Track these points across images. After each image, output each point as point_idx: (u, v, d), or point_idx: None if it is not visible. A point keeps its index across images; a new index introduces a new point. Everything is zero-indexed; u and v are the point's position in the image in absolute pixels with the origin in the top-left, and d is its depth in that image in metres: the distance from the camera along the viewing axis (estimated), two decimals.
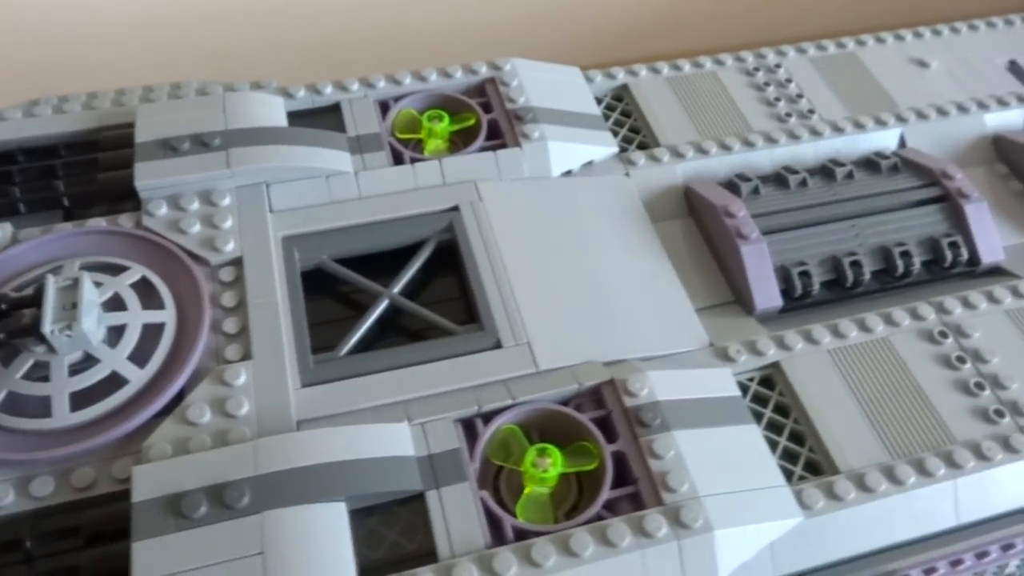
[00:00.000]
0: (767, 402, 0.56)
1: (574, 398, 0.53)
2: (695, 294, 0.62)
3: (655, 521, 0.46)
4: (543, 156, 0.65)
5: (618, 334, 0.57)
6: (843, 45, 0.80)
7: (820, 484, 0.51)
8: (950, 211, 0.65)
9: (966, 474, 0.52)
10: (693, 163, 0.68)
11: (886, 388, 0.56)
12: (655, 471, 0.49)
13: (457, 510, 0.47)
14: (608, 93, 0.75)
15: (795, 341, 0.57)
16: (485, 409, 0.51)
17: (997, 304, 0.61)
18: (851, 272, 0.62)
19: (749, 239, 0.61)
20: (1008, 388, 0.56)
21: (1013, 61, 0.79)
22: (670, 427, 0.50)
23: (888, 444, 0.53)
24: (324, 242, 0.60)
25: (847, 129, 0.71)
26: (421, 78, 0.69)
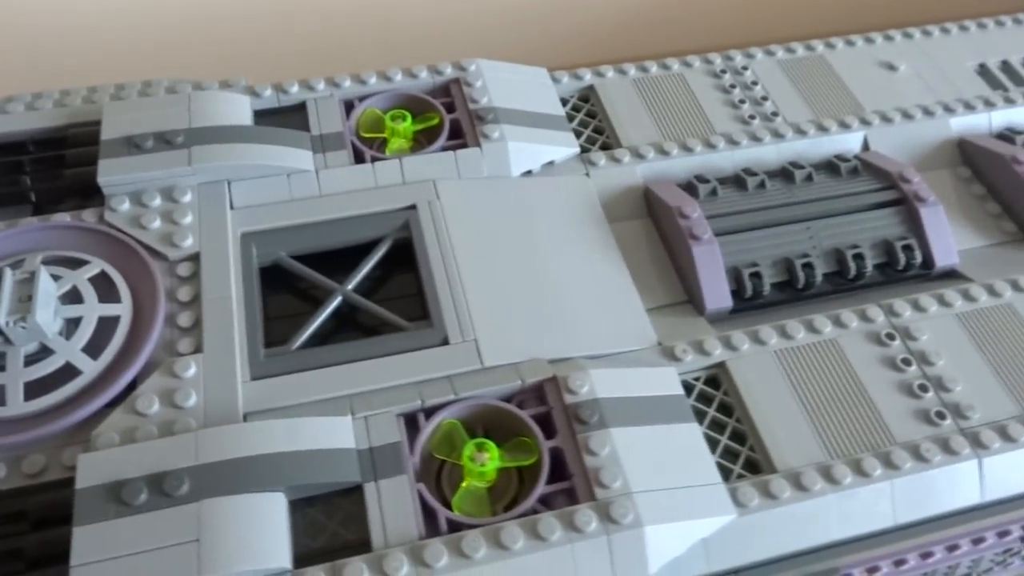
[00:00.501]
0: (712, 401, 0.57)
1: (517, 394, 0.54)
2: (649, 294, 0.63)
3: (585, 516, 0.47)
4: (503, 156, 0.66)
5: (566, 332, 0.57)
6: (812, 48, 0.80)
7: (756, 482, 0.52)
8: (906, 214, 0.66)
9: (903, 475, 0.53)
10: (654, 164, 0.69)
11: (830, 389, 0.57)
12: (590, 467, 0.49)
13: (393, 502, 0.48)
14: (574, 94, 0.76)
15: (742, 341, 0.58)
16: (428, 404, 0.52)
17: (947, 307, 0.61)
18: (803, 274, 0.63)
19: (701, 240, 0.62)
20: (952, 391, 0.57)
21: (983, 64, 0.80)
22: (608, 424, 0.51)
23: (827, 444, 0.54)
24: (282, 239, 0.61)
25: (810, 132, 0.72)
26: (386, 78, 0.70)
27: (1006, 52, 0.81)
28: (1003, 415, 0.56)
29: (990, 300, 0.62)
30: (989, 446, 0.54)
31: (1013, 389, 0.57)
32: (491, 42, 1.04)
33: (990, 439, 0.54)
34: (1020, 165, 0.68)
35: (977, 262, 0.66)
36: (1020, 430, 0.54)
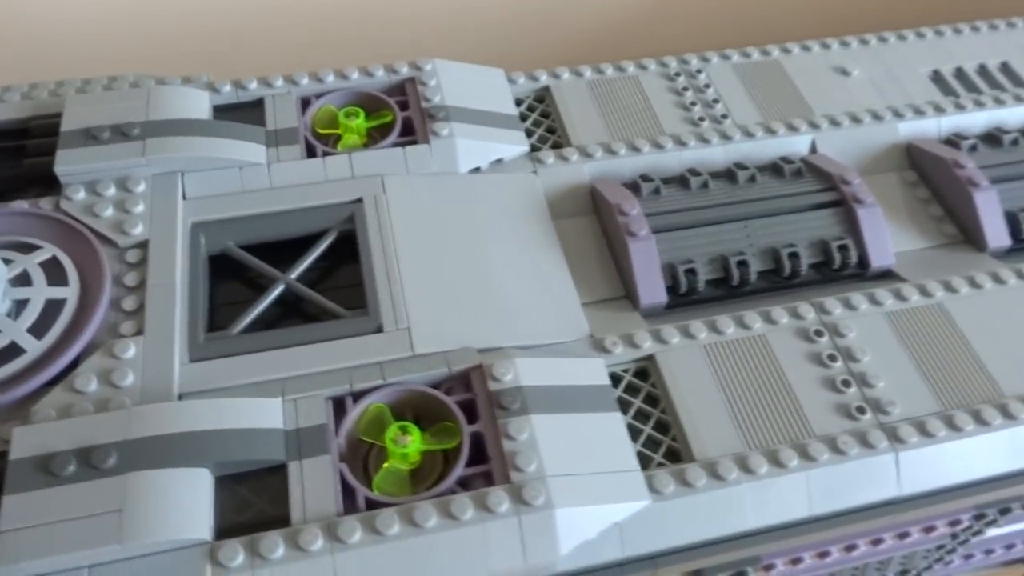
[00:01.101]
0: (639, 392, 0.59)
1: (445, 381, 0.56)
2: (588, 288, 0.64)
3: (498, 497, 0.49)
4: (451, 153, 0.68)
5: (499, 323, 0.59)
6: (768, 53, 0.81)
7: (673, 471, 0.53)
8: (844, 215, 0.67)
9: (820, 467, 0.54)
10: (601, 163, 0.71)
11: (755, 383, 0.58)
12: (507, 451, 0.51)
13: (315, 480, 0.50)
14: (530, 95, 0.78)
15: (672, 335, 0.60)
16: (356, 388, 0.54)
17: (878, 306, 0.62)
18: (738, 271, 0.64)
19: (638, 236, 0.63)
20: (874, 386, 0.58)
21: (937, 71, 0.81)
22: (529, 411, 0.53)
23: (747, 436, 0.55)
24: (232, 229, 0.63)
25: (758, 134, 0.73)
26: (343, 76, 0.72)
27: (961, 59, 0.82)
28: (923, 411, 0.57)
29: (921, 300, 0.63)
30: (906, 441, 0.55)
31: (935, 386, 0.58)
32: (461, 45, 1.06)
33: (908, 434, 0.55)
34: (961, 169, 0.69)
35: (915, 263, 0.68)
36: (938, 426, 0.56)
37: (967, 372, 0.59)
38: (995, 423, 0.56)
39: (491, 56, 0.90)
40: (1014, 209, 0.69)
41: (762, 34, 0.89)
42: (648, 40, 1.17)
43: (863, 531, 0.60)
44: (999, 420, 0.56)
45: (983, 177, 0.68)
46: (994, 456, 0.57)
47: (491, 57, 0.88)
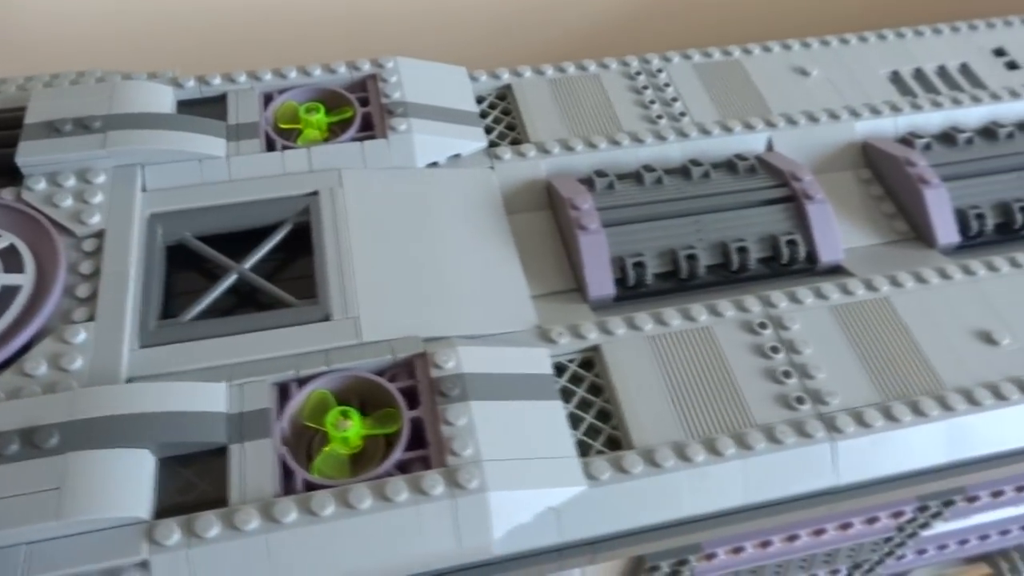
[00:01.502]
0: (583, 382, 0.60)
1: (390, 368, 0.57)
2: (540, 281, 0.65)
3: (432, 480, 0.50)
4: (408, 148, 0.69)
5: (447, 313, 0.60)
6: (729, 53, 0.82)
7: (611, 458, 0.54)
8: (795, 211, 0.68)
9: (756, 455, 0.55)
10: (558, 159, 0.72)
11: (698, 373, 0.59)
12: (445, 436, 0.52)
13: (255, 463, 0.51)
14: (492, 92, 0.79)
15: (617, 327, 0.60)
16: (301, 375, 0.55)
17: (823, 300, 0.63)
18: (686, 265, 0.65)
19: (588, 230, 0.64)
20: (815, 377, 0.58)
21: (896, 72, 0.81)
22: (469, 398, 0.54)
23: (687, 424, 0.56)
24: (189, 220, 0.64)
25: (715, 132, 0.74)
26: (306, 73, 0.74)
27: (921, 61, 0.83)
28: (862, 402, 0.57)
29: (867, 294, 0.63)
30: (844, 430, 0.56)
31: (876, 378, 0.59)
32: (433, 44, 1.07)
33: (845, 424, 0.56)
34: (912, 167, 0.70)
35: (865, 259, 0.68)
36: (876, 416, 0.56)
37: (909, 365, 0.60)
38: (933, 414, 0.57)
39: (462, 55, 0.91)
40: (964, 207, 0.69)
41: (739, 36, 0.90)
42: (621, 40, 1.19)
43: (803, 520, 0.60)
44: (936, 411, 0.57)
45: (934, 175, 0.69)
46: (932, 447, 0.57)
47: (462, 56, 0.89)
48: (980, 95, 0.79)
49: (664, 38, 1.17)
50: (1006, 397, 0.58)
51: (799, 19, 1.31)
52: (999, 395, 0.58)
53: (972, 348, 0.61)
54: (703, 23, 1.24)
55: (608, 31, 1.28)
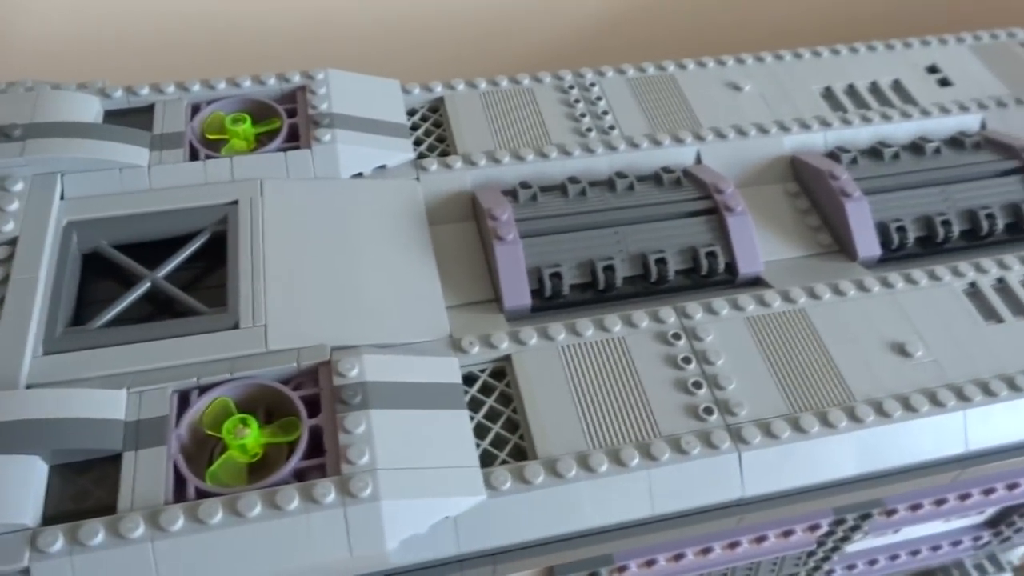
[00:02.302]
0: (494, 392, 0.59)
1: (295, 377, 0.56)
2: (458, 291, 0.65)
3: (324, 488, 0.49)
4: (332, 158, 0.69)
5: (359, 323, 0.60)
6: (663, 68, 0.83)
7: (512, 468, 0.54)
8: (716, 223, 0.68)
9: (661, 466, 0.55)
10: (485, 171, 0.72)
11: (609, 384, 0.59)
12: (342, 444, 0.52)
13: (147, 470, 0.50)
14: (425, 105, 0.79)
15: (530, 337, 0.60)
16: (203, 382, 0.55)
17: (739, 311, 0.63)
18: (604, 276, 0.65)
19: (505, 240, 0.64)
20: (725, 388, 0.58)
21: (829, 88, 0.82)
22: (369, 406, 0.53)
23: (593, 435, 0.56)
24: (106, 228, 0.64)
25: (643, 145, 0.74)
26: (235, 84, 0.74)
27: (854, 77, 0.83)
28: (770, 413, 0.57)
29: (784, 306, 0.63)
30: (750, 441, 0.55)
31: (787, 389, 0.58)
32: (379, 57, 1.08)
33: (752, 435, 0.56)
34: (835, 180, 0.70)
35: (786, 271, 0.68)
36: (783, 427, 0.56)
37: (821, 376, 0.60)
38: (841, 426, 0.57)
39: (420, 69, 0.92)
40: (886, 220, 0.70)
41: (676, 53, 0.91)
42: (574, 54, 1.20)
43: (714, 533, 0.60)
44: (845, 423, 0.57)
45: (855, 188, 0.70)
46: (841, 459, 0.57)
47: (418, 70, 0.90)
48: (910, 111, 0.79)
49: (618, 53, 1.18)
50: (916, 409, 0.58)
51: (789, 26, 1.32)
52: (909, 407, 0.58)
53: (885, 360, 0.61)
54: (647, 38, 1.25)
55: (563, 46, 1.29)
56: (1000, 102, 0.81)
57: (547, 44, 1.24)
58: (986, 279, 0.66)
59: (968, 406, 0.58)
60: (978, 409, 0.58)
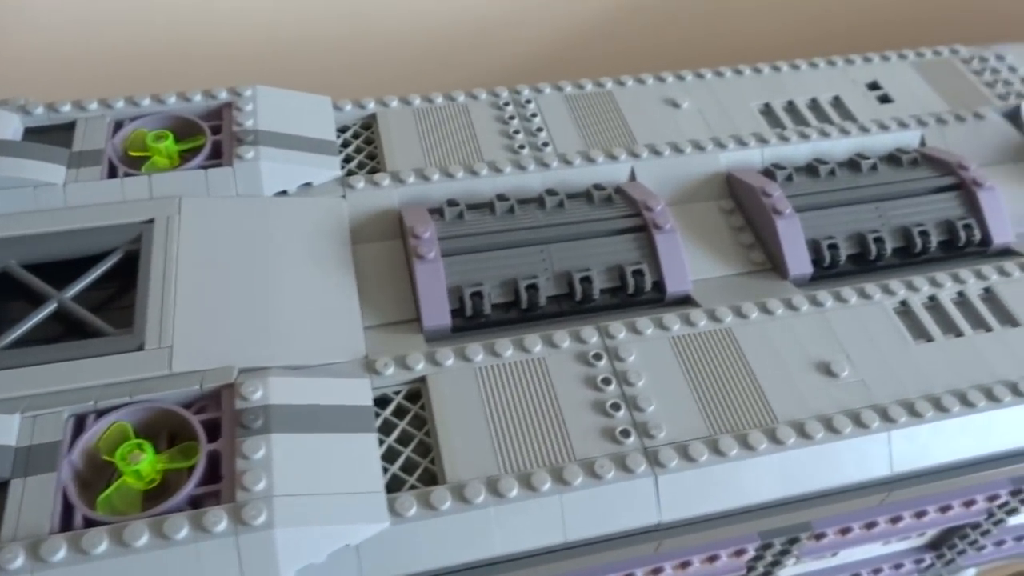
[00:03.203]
0: (408, 414, 0.58)
1: (199, 400, 0.55)
2: (379, 311, 0.64)
3: (215, 516, 0.48)
4: (255, 175, 0.68)
5: (270, 344, 0.58)
6: (602, 85, 0.82)
7: (419, 493, 0.52)
8: (644, 240, 0.67)
9: (574, 491, 0.53)
10: (413, 188, 0.71)
11: (525, 406, 0.57)
12: (238, 470, 0.50)
13: (35, 498, 0.48)
14: (357, 121, 0.78)
15: (446, 357, 0.59)
16: (101, 406, 0.53)
17: (664, 330, 0.61)
18: (527, 295, 0.63)
19: (425, 259, 0.63)
20: (644, 410, 0.57)
21: (768, 104, 0.81)
22: (271, 430, 0.52)
23: (505, 459, 0.54)
24: (16, 247, 0.62)
25: (576, 162, 0.73)
26: (160, 101, 0.73)
27: (793, 94, 0.82)
28: (690, 435, 0.56)
29: (710, 325, 0.62)
30: (666, 465, 0.54)
31: (708, 411, 0.57)
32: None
33: (668, 458, 0.54)
34: (767, 197, 0.69)
35: (717, 290, 0.67)
36: (701, 450, 0.55)
37: (745, 397, 0.58)
38: (761, 448, 0.55)
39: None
40: (819, 237, 0.69)
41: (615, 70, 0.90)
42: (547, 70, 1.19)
43: (633, 559, 0.58)
44: (765, 445, 0.55)
45: (787, 205, 0.69)
46: (762, 483, 0.56)
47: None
48: (849, 127, 0.79)
49: (569, 71, 1.18)
50: (838, 431, 0.57)
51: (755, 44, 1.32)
52: (832, 428, 0.57)
53: (810, 380, 0.60)
54: (602, 56, 1.25)
55: (517, 63, 1.29)
56: (940, 119, 0.81)
57: (504, 61, 1.24)
58: (917, 297, 0.65)
59: (893, 427, 0.57)
60: (903, 431, 0.57)
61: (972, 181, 0.72)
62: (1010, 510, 0.69)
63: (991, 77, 0.86)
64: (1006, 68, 0.87)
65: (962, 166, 0.73)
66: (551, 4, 1.27)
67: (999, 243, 0.71)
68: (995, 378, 0.60)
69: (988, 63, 0.88)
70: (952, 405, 0.58)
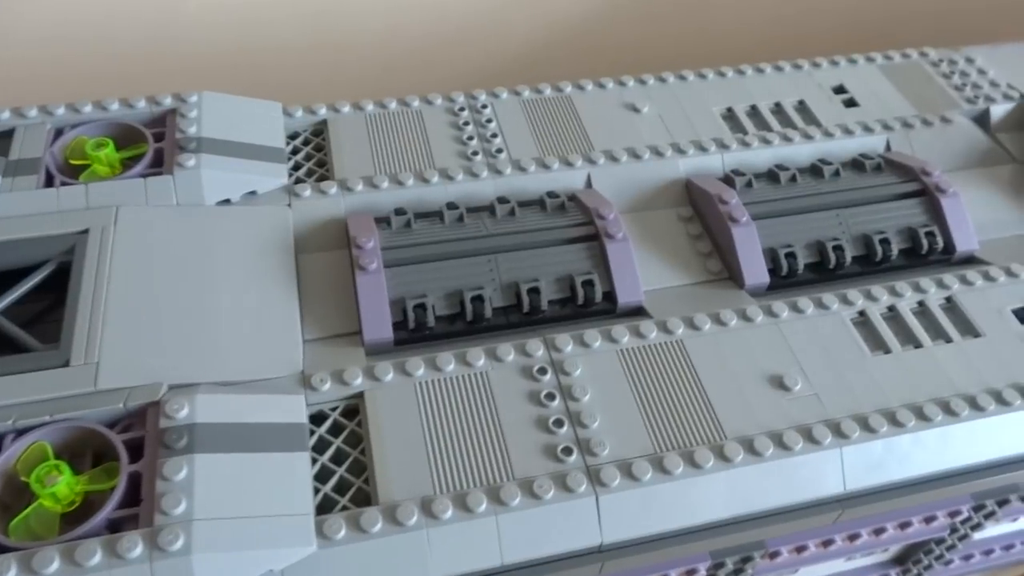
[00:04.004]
0: (344, 432, 0.56)
1: (124, 418, 0.53)
2: (321, 324, 0.62)
3: (130, 542, 0.46)
4: (195, 184, 0.66)
5: (203, 359, 0.56)
6: (561, 89, 0.80)
7: (349, 515, 0.50)
8: (596, 250, 0.65)
9: (511, 512, 0.51)
10: (361, 197, 0.69)
11: (465, 422, 0.55)
12: (158, 492, 0.48)
13: None
14: (308, 128, 0.76)
15: (385, 372, 0.57)
16: (18, 425, 0.51)
17: (613, 343, 0.60)
18: (472, 307, 0.62)
19: (367, 270, 0.61)
20: (588, 427, 0.55)
21: (731, 109, 0.80)
22: (194, 450, 0.50)
23: (440, 478, 0.52)
24: None
25: (530, 169, 0.71)
26: (102, 107, 0.71)
27: (757, 98, 0.81)
28: (634, 453, 0.54)
29: (660, 337, 0.60)
30: (608, 484, 0.52)
31: (655, 427, 0.55)
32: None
33: (611, 476, 0.52)
34: (724, 204, 0.68)
35: (671, 300, 0.65)
36: (645, 468, 0.53)
37: (693, 413, 0.56)
38: (707, 466, 0.53)
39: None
40: (776, 245, 0.67)
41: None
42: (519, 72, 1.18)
43: None
44: (712, 463, 0.53)
45: (744, 212, 0.67)
46: (709, 501, 0.54)
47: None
48: (812, 132, 0.77)
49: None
50: (789, 447, 0.55)
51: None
52: (782, 445, 0.55)
53: (762, 394, 0.58)
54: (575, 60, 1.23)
55: (494, 64, 1.27)
56: (906, 123, 0.79)
57: (472, 65, 1.22)
58: (876, 307, 0.63)
59: (845, 443, 0.55)
60: (856, 446, 0.55)
61: (935, 187, 0.70)
62: (974, 525, 0.67)
63: (960, 80, 0.85)
64: (975, 71, 0.85)
65: (925, 172, 0.71)
66: (524, 6, 1.26)
67: (963, 251, 0.69)
68: (953, 391, 0.59)
69: (958, 66, 0.86)
70: (907, 420, 0.56)
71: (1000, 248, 0.71)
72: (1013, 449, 0.59)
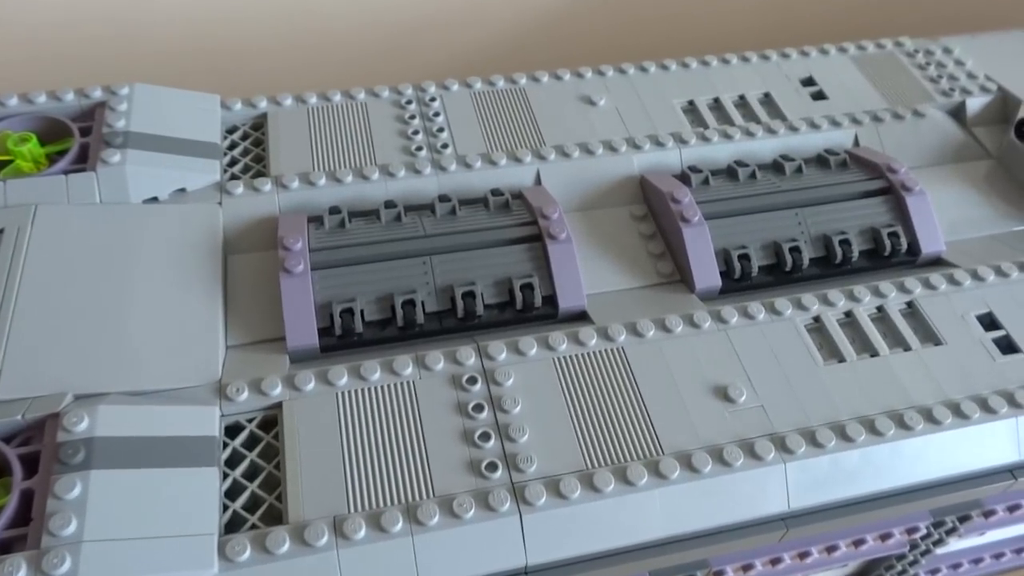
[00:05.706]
0: (259, 444, 0.53)
1: (24, 431, 0.50)
2: (247, 329, 0.59)
3: (12, 566, 0.43)
4: (120, 181, 0.63)
5: (113, 367, 0.53)
6: (515, 82, 0.77)
7: (254, 535, 0.47)
8: (538, 251, 0.62)
9: (429, 532, 0.48)
10: (297, 194, 0.66)
11: (386, 435, 0.52)
12: (48, 511, 0.45)
13: None
14: (247, 122, 0.73)
15: (307, 381, 0.54)
16: None
17: (550, 351, 0.56)
18: (404, 312, 0.58)
19: (292, 273, 0.58)
20: (516, 441, 0.52)
21: (692, 102, 0.76)
22: (92, 466, 0.47)
23: (356, 496, 0.49)
24: None
25: (476, 165, 0.68)
26: (28, 100, 0.68)
27: (721, 90, 0.77)
28: (563, 469, 0.51)
29: (600, 344, 0.57)
30: (533, 503, 0.49)
31: (587, 441, 0.52)
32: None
33: (536, 495, 0.49)
34: (676, 203, 0.64)
35: (617, 304, 0.62)
36: (573, 486, 0.50)
37: (630, 426, 0.53)
38: (640, 483, 0.50)
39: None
40: (729, 247, 0.64)
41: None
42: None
43: None
44: (645, 480, 0.50)
45: (696, 212, 0.63)
46: (642, 521, 0.50)
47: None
48: (776, 126, 0.73)
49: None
50: (729, 463, 0.51)
51: None
52: (721, 461, 0.52)
53: (705, 406, 0.54)
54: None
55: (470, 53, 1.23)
56: (876, 116, 0.75)
57: (456, 54, 1.18)
58: (832, 313, 0.60)
59: (790, 459, 0.52)
60: (800, 462, 0.52)
61: (901, 185, 0.67)
62: (935, 541, 0.64)
63: (936, 72, 0.81)
64: (952, 62, 0.82)
65: (891, 168, 0.68)
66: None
67: (928, 252, 0.66)
68: (908, 403, 0.55)
69: (934, 56, 0.83)
70: (857, 434, 0.53)
71: (970, 249, 0.68)
72: (971, 465, 0.55)
